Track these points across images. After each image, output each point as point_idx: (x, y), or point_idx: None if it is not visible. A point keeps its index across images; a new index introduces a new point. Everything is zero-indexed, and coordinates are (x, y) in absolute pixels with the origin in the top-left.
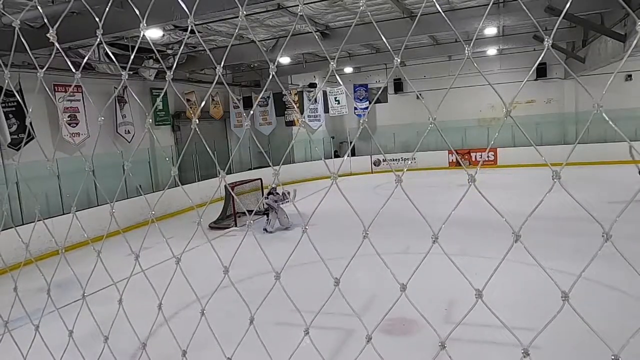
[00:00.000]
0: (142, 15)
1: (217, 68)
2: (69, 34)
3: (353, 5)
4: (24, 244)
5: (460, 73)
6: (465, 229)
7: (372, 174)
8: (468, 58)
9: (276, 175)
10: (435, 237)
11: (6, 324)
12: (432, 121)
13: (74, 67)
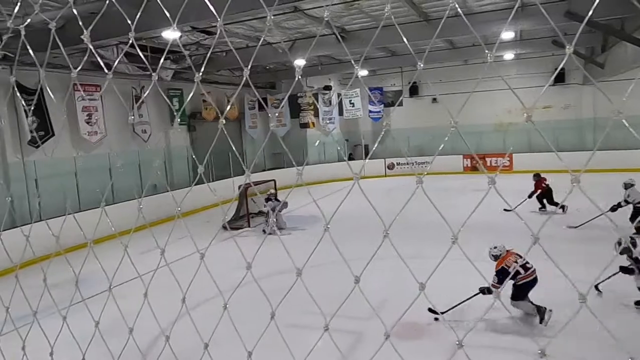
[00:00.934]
0: (160, 17)
1: (245, 70)
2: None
3: (369, 8)
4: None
5: (476, 77)
6: (479, 234)
7: (386, 177)
8: (490, 63)
9: (299, 175)
10: (454, 238)
11: (35, 314)
12: (453, 125)
13: (92, 67)
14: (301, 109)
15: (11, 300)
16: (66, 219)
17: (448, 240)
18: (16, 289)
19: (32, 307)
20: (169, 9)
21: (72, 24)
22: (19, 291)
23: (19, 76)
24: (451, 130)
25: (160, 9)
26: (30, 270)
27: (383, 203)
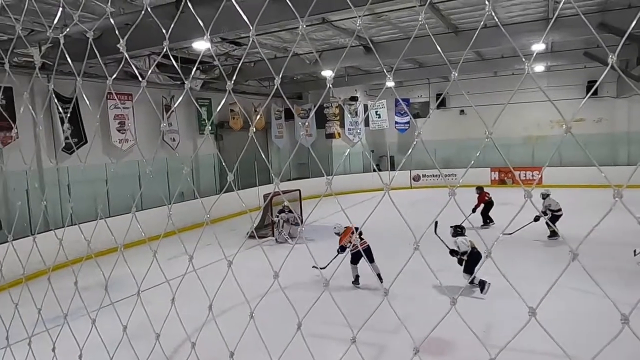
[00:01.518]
0: (192, 28)
1: (276, 79)
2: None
3: (397, 19)
4: (86, 240)
5: (505, 89)
6: (507, 249)
7: (411, 189)
8: (519, 74)
9: (329, 184)
10: (488, 252)
11: (65, 316)
12: (488, 136)
13: (125, 76)
14: (327, 120)
15: (43, 302)
16: (97, 224)
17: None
18: (48, 291)
19: (62, 309)
20: (201, 20)
21: (107, 34)
22: (50, 293)
23: (55, 85)
24: (486, 140)
25: (193, 20)
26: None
27: (408, 215)
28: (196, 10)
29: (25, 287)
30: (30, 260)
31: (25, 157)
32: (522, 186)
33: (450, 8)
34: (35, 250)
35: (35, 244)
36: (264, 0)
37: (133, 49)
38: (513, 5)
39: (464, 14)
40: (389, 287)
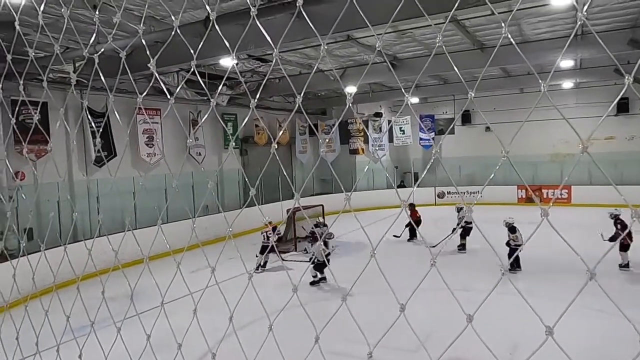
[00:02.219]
0: (219, 46)
1: (297, 98)
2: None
3: (422, 36)
4: (114, 251)
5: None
6: (531, 268)
7: (436, 206)
8: (545, 92)
9: (348, 200)
10: (503, 270)
11: (92, 325)
12: (504, 154)
13: (154, 92)
14: (351, 135)
15: (71, 310)
16: (125, 236)
17: (499, 273)
18: (76, 299)
19: (90, 318)
20: (228, 38)
21: (137, 51)
22: (79, 302)
23: (87, 99)
24: (502, 159)
25: (220, 38)
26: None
27: (431, 232)
28: (223, 29)
29: (56, 295)
30: (61, 270)
31: (57, 169)
32: (538, 204)
33: (475, 25)
34: (65, 260)
35: (67, 253)
36: (288, 19)
37: (162, 66)
38: (540, 22)
39: (489, 30)
40: (405, 302)
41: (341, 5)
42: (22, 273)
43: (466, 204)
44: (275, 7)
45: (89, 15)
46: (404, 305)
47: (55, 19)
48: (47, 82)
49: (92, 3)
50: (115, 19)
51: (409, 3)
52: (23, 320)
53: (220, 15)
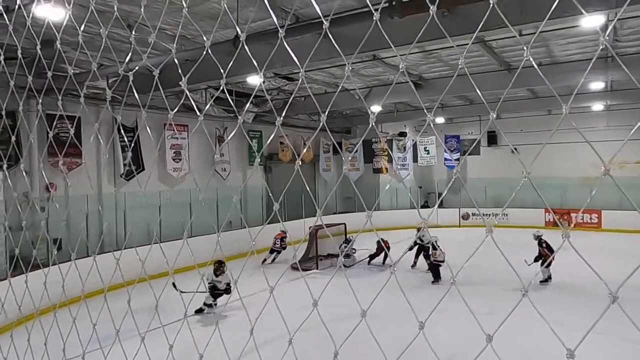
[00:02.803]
0: (246, 64)
1: (322, 116)
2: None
3: (448, 57)
4: (140, 261)
5: (561, 128)
6: (557, 293)
7: (460, 227)
8: (573, 114)
9: (369, 218)
10: (524, 291)
11: (117, 333)
12: (526, 175)
13: (182, 108)
14: (375, 154)
15: (97, 319)
16: (151, 248)
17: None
18: (103, 309)
19: (115, 327)
20: (256, 57)
21: (168, 69)
22: (104, 311)
23: (117, 114)
24: (523, 180)
25: (248, 57)
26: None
27: (454, 254)
28: (252, 48)
29: (84, 304)
30: (89, 279)
31: (87, 182)
32: (561, 226)
33: (502, 46)
34: (93, 270)
35: (96, 263)
36: (315, 39)
37: (191, 83)
38: (570, 44)
39: (517, 52)
40: (425, 320)
41: (366, 26)
42: (52, 281)
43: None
44: (302, 27)
45: (122, 33)
46: (422, 323)
47: (90, 37)
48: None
49: (126, 22)
50: (150, 39)
51: (434, 24)
52: (52, 326)
53: (248, 35)
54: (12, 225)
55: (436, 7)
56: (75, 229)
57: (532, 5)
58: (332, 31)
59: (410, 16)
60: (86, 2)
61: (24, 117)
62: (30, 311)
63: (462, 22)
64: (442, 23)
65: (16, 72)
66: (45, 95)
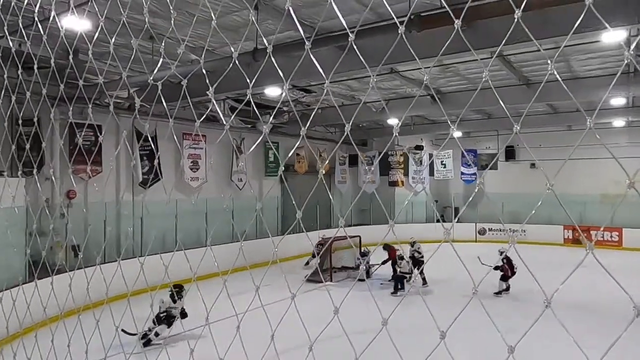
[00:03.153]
0: (266, 76)
1: (347, 126)
2: (200, 90)
3: (466, 71)
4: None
5: (582, 144)
6: (578, 314)
7: (476, 242)
8: (595, 129)
9: (391, 227)
10: (547, 302)
11: (139, 336)
12: (549, 186)
13: (198, 118)
14: (391, 167)
15: (120, 322)
16: (173, 255)
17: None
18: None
19: (138, 331)
20: (274, 69)
21: (190, 80)
22: (127, 315)
23: (137, 124)
24: (547, 191)
25: (267, 68)
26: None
27: (471, 267)
28: (271, 61)
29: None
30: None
31: (106, 189)
32: (584, 241)
33: (521, 60)
34: (109, 275)
35: (120, 267)
36: (333, 52)
37: (205, 95)
38: (590, 59)
39: (536, 66)
40: (446, 330)
41: (384, 39)
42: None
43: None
44: (321, 40)
45: (143, 44)
46: (444, 332)
47: (110, 47)
48: (103, 106)
49: (148, 34)
50: (179, 50)
51: (453, 38)
52: (75, 328)
53: (266, 47)
54: (32, 231)
55: (460, 21)
56: (93, 236)
57: (552, 20)
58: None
59: (428, 30)
60: (109, 14)
61: (46, 125)
62: (54, 313)
63: (481, 36)
64: (459, 38)
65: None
66: (66, 103)
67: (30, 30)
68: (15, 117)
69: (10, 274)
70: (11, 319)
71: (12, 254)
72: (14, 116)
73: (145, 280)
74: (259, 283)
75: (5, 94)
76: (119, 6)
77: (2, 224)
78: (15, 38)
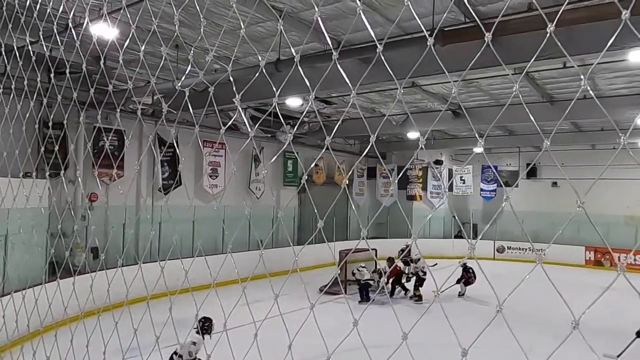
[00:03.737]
0: (287, 86)
1: (372, 137)
2: (223, 98)
3: (489, 86)
4: (184, 270)
5: (604, 164)
6: (603, 339)
7: (494, 260)
8: (621, 149)
9: (414, 240)
10: (575, 324)
11: (157, 340)
12: (579, 204)
13: (220, 126)
14: (409, 181)
15: (139, 325)
16: (193, 261)
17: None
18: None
19: (156, 334)
20: (295, 79)
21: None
22: (145, 319)
23: (159, 129)
24: (577, 209)
25: (289, 79)
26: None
27: (488, 289)
28: (293, 71)
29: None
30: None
31: (127, 193)
32: (614, 260)
33: (545, 77)
34: (128, 278)
35: (141, 270)
36: (357, 65)
37: (231, 103)
38: (616, 78)
39: (560, 84)
40: (468, 347)
41: (408, 52)
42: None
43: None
44: (344, 52)
45: (169, 52)
46: (465, 350)
47: (136, 55)
48: (127, 112)
49: (174, 43)
50: (208, 57)
51: (475, 53)
52: (94, 329)
53: (290, 59)
54: (53, 232)
55: (491, 35)
56: (111, 239)
57: (578, 37)
58: (373, 58)
59: (450, 45)
60: (135, 21)
61: (72, 129)
62: (75, 313)
63: (506, 51)
64: (485, 52)
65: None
66: (93, 108)
67: (60, 37)
68: (43, 120)
69: (34, 273)
70: (32, 317)
71: (37, 253)
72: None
73: (165, 285)
74: (278, 291)
75: (36, 98)
76: (150, 14)
77: (28, 224)
78: (48, 44)
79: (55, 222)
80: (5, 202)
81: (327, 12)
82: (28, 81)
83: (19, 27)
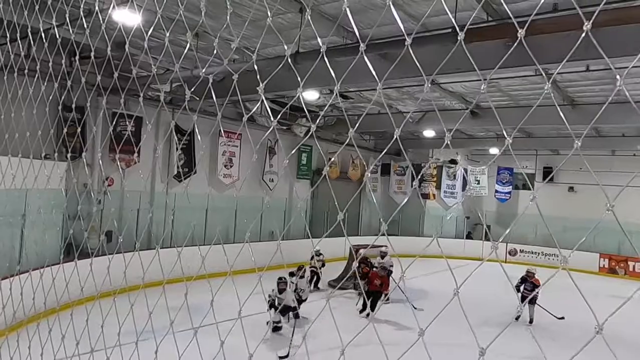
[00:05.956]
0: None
1: (396, 131)
2: (241, 88)
3: (508, 87)
4: (201, 256)
5: (623, 171)
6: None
7: (506, 263)
8: None
9: (435, 237)
10: (599, 328)
11: (171, 324)
12: (609, 208)
13: (236, 116)
14: (424, 179)
15: (154, 309)
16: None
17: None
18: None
19: (170, 318)
20: (313, 73)
21: (228, 78)
22: (161, 302)
23: (176, 118)
24: (607, 212)
25: (306, 72)
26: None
27: (499, 292)
28: (310, 65)
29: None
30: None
31: (142, 179)
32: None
33: (567, 80)
34: (146, 262)
35: (159, 255)
36: (377, 60)
37: (249, 93)
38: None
39: (582, 87)
40: (486, 347)
41: (428, 50)
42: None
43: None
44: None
45: (187, 41)
46: (483, 349)
47: (158, 42)
48: (145, 99)
49: (195, 32)
50: (233, 46)
51: (497, 53)
52: (110, 310)
53: (309, 52)
54: (70, 214)
55: (524, 32)
56: (129, 223)
57: (602, 40)
58: (393, 53)
59: (472, 43)
60: (161, 8)
61: (92, 113)
62: (91, 293)
63: (527, 52)
64: (506, 53)
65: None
66: (112, 94)
67: (84, 21)
68: (64, 104)
69: (52, 252)
70: (49, 295)
71: (55, 233)
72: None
73: (181, 270)
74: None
75: (58, 82)
76: (176, 2)
77: (47, 205)
78: (73, 29)
79: (72, 205)
80: (26, 182)
81: (350, 6)
82: (52, 65)
83: (45, 10)
